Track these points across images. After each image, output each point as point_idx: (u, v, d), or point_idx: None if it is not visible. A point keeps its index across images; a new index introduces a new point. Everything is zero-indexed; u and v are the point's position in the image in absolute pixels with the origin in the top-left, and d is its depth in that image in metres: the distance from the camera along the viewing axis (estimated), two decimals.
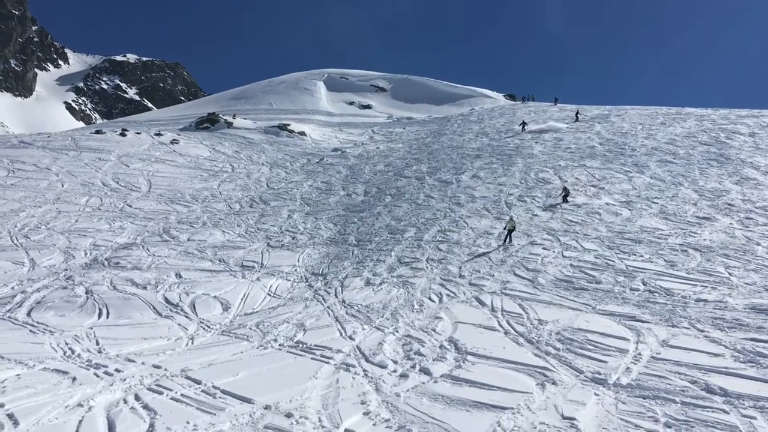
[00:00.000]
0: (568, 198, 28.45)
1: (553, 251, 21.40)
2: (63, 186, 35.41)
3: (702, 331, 12.94)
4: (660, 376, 10.45)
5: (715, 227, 22.09)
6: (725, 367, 10.72)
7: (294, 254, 24.76)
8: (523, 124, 49.98)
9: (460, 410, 9.43)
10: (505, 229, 23.79)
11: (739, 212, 23.70)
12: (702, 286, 16.41)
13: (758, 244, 19.86)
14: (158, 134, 54.35)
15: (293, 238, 27.29)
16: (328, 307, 17.62)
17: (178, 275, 21.28)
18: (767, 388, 9.70)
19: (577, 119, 51.00)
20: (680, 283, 16.84)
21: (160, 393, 10.32)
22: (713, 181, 28.86)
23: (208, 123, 60.49)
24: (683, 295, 15.71)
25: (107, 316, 16.71)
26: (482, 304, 16.68)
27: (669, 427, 8.58)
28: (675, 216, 24.06)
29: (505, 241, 23.06)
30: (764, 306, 14.26)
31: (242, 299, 19.12)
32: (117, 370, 11.67)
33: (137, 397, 10.09)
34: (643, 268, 18.48)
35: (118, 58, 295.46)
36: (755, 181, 28.11)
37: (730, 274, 17.21)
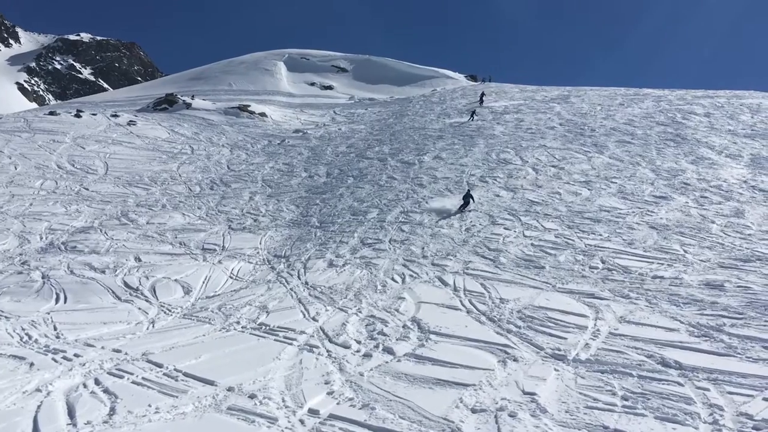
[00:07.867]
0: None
1: (515, 231, 21.62)
2: (16, 169, 34.38)
3: (658, 306, 13.27)
4: (618, 351, 10.69)
5: (671, 206, 22.58)
6: (680, 342, 11.01)
7: (256, 237, 24.56)
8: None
9: (423, 388, 9.53)
10: None
11: (694, 191, 24.25)
12: (658, 263, 16.78)
13: (712, 222, 20.37)
14: (114, 115, 53.05)
15: (255, 221, 27.05)
16: (291, 289, 17.57)
17: (138, 259, 20.95)
18: (720, 360, 10.00)
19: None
20: (637, 260, 17.20)
21: (121, 377, 10.22)
22: (670, 160, 29.45)
23: (166, 104, 59.11)
24: (640, 273, 16.06)
25: (65, 301, 16.42)
26: (445, 283, 16.80)
27: (626, 399, 8.79)
28: (633, 195, 24.51)
29: None
30: (717, 282, 14.66)
31: (204, 282, 18.93)
32: (76, 355, 11.51)
33: (97, 382, 9.97)
34: (602, 247, 18.83)
35: (72, 37, 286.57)
36: (710, 160, 28.77)
37: (685, 251, 17.64)
